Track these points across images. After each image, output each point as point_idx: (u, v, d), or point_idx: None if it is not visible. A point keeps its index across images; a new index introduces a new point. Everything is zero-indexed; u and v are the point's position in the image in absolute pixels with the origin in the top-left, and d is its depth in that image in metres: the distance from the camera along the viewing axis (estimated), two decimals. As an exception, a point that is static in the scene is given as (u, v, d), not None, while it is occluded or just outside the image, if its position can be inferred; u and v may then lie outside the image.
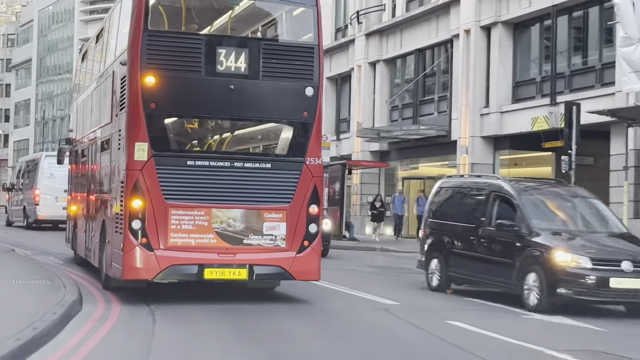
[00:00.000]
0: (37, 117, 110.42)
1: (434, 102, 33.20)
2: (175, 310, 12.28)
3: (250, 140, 14.19)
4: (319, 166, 13.21)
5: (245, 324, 11.26)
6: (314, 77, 13.10)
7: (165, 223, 12.29)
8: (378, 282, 17.91)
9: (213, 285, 13.78)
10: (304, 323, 11.73)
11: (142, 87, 12.44)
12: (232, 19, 14.09)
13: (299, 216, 12.86)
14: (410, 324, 11.83)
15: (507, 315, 13.35)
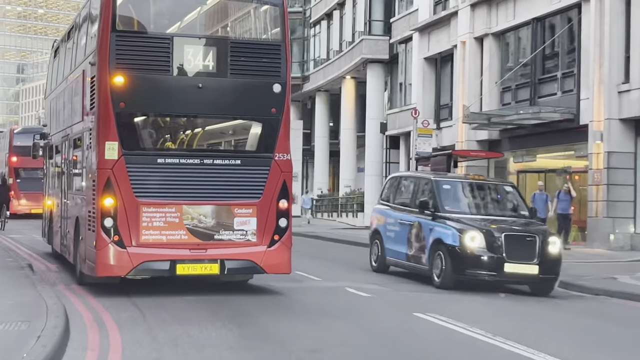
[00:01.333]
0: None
1: (557, 80, 27.67)
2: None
3: (220, 137, 14.21)
4: (288, 162, 13.48)
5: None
6: (281, 74, 13.42)
7: (136, 220, 12.58)
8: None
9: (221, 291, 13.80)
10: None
11: (111, 87, 12.72)
12: (200, 18, 14.27)
13: (269, 211, 13.13)
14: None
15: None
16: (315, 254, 23.73)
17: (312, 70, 53.67)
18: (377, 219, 19.06)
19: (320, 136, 53.07)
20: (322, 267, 19.38)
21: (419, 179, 18.31)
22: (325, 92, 53.00)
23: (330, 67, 49.73)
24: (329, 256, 23.44)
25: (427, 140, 26.54)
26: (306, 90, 54.25)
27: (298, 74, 55.07)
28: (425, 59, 36.06)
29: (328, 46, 51.46)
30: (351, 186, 47.71)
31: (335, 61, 48.71)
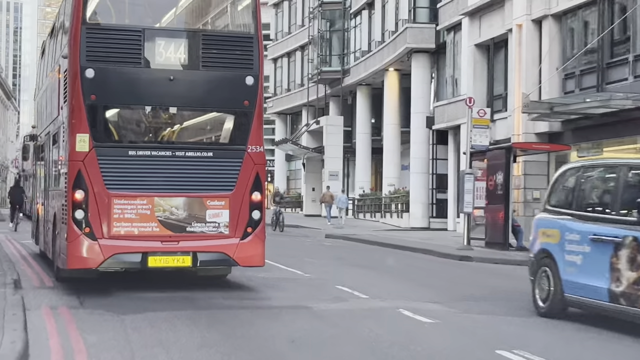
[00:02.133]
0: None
1: (629, 63, 24.69)
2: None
3: (192, 129, 14.06)
4: (261, 154, 13.41)
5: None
6: (253, 66, 13.35)
7: (108, 212, 12.58)
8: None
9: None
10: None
11: (82, 79, 12.73)
12: (171, 11, 14.13)
13: (241, 203, 13.05)
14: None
15: None
16: (360, 261, 21.22)
17: (353, 64, 51.16)
18: (545, 234, 12.58)
19: (361, 133, 50.60)
20: (369, 279, 16.83)
21: (623, 167, 11.40)
22: (367, 86, 50.54)
23: (372, 59, 47.19)
24: (376, 264, 20.84)
25: (484, 131, 23.78)
26: (346, 84, 51.78)
27: (338, 68, 52.79)
28: (476, 45, 33.26)
29: (369, 37, 48.95)
30: (395, 185, 45.24)
31: (377, 53, 46.18)
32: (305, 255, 21.62)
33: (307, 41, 58.38)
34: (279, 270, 17.24)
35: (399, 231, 36.96)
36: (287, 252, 22.83)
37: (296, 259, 20.13)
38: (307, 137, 56.28)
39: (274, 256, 19.83)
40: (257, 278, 15.52)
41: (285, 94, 64.32)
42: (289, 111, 64.97)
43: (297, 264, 18.79)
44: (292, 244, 26.95)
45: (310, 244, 27.14)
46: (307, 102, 57.25)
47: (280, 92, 65.70)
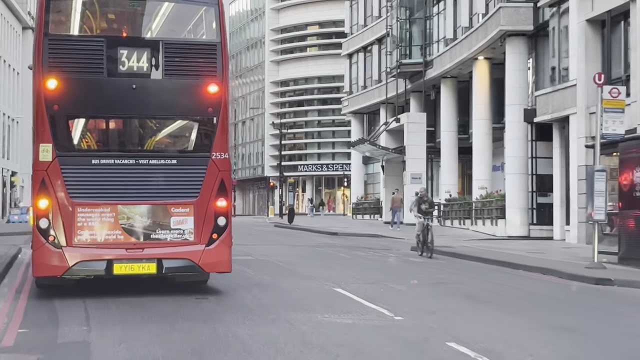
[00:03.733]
0: (230, 118, 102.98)
1: None
2: None
3: (156, 137, 14.03)
4: (226, 160, 13.50)
5: None
6: (217, 74, 13.38)
7: (72, 221, 12.79)
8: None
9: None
10: None
11: (45, 89, 12.91)
12: (133, 19, 14.38)
13: (206, 210, 13.19)
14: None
15: None
16: (465, 288, 15.91)
17: (436, 54, 46.25)
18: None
19: (446, 130, 45.65)
20: (491, 324, 11.63)
21: None
22: (452, 79, 45.62)
23: (458, 47, 42.22)
24: (488, 292, 15.47)
25: (618, 116, 18.65)
26: (429, 77, 46.88)
27: (419, 60, 48.04)
28: (588, 21, 28.15)
29: (455, 23, 44.02)
30: (487, 188, 40.10)
31: (464, 40, 41.18)
32: (391, 279, 16.81)
33: (384, 33, 53.63)
34: (358, 309, 12.49)
35: (495, 241, 32.02)
36: (367, 273, 18.15)
37: (379, 286, 15.46)
38: (385, 137, 51.46)
39: (352, 281, 15.38)
40: (329, 325, 11.00)
41: (361, 91, 59.63)
42: (365, 110, 60.24)
43: (382, 295, 14.16)
44: (373, 261, 22.16)
45: (395, 261, 22.24)
46: (386, 99, 52.42)
47: (356, 90, 61.01)
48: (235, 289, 14.62)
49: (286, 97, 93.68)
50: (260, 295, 13.75)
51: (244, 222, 62.15)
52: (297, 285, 15.25)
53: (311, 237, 34.92)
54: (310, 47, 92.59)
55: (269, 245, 28.01)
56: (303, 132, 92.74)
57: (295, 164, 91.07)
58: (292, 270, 18.51)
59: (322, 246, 28.12)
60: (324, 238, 34.53)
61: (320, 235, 37.53)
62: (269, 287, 14.89)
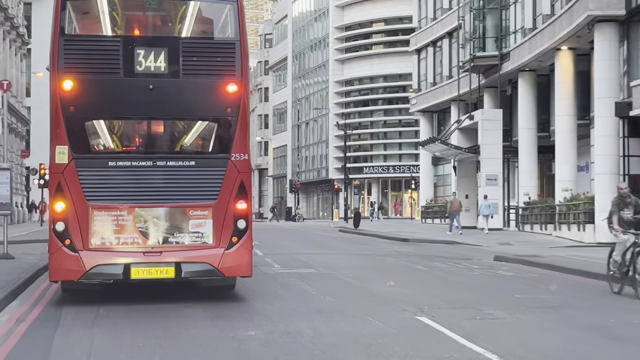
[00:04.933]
0: (293, 120, 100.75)
1: None
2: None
3: (173, 138, 13.88)
4: (246, 162, 13.19)
5: None
6: (236, 73, 13.16)
7: (88, 224, 12.57)
8: None
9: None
10: None
11: (61, 91, 12.73)
12: (151, 18, 14.09)
13: (225, 213, 12.91)
14: None
15: None
16: (592, 318, 12.44)
17: (513, 46, 42.90)
18: None
19: (525, 128, 42.28)
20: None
21: None
22: (531, 73, 42.26)
23: (538, 37, 38.86)
24: (632, 328, 11.82)
25: None
26: (505, 71, 43.58)
27: (494, 52, 44.77)
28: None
29: (534, 12, 40.66)
30: (571, 189, 36.66)
31: (545, 29, 37.81)
32: (484, 301, 13.74)
33: (455, 26, 50.44)
34: (455, 353, 9.30)
35: (585, 248, 28.70)
36: (453, 292, 15.15)
37: (473, 312, 12.42)
38: (457, 135, 48.22)
39: (436, 304, 12.69)
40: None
41: (431, 88, 56.48)
42: (435, 108, 57.04)
43: (481, 327, 11.04)
44: (455, 275, 18.98)
45: (482, 275, 18.96)
46: (458, 96, 49.20)
47: (425, 87, 57.88)
48: (292, 317, 11.80)
49: (351, 97, 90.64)
50: (323, 329, 10.79)
51: (307, 226, 59.47)
52: (370, 311, 12.26)
53: (380, 244, 31.90)
54: (376, 44, 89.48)
55: (333, 255, 25.07)
56: (368, 132, 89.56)
57: (361, 166, 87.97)
58: (362, 288, 15.56)
59: (393, 255, 25.09)
60: (394, 245, 31.48)
61: (389, 242, 34.48)
62: (334, 316, 11.93)
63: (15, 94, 55.18)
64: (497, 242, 32.48)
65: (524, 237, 35.95)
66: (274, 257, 22.58)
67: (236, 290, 14.81)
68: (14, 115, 53.57)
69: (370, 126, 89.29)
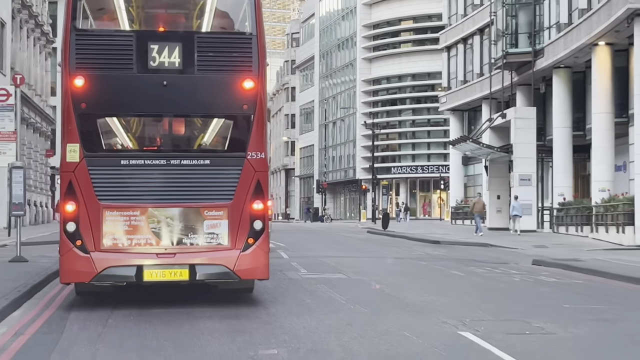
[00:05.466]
0: (320, 119, 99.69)
1: None
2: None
3: (188, 136, 13.52)
4: (262, 160, 12.81)
5: None
6: (253, 69, 12.79)
7: (100, 224, 12.22)
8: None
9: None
10: None
11: (72, 87, 12.37)
12: (164, 12, 13.83)
13: (241, 213, 12.56)
14: None
15: None
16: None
17: (547, 42, 41.57)
18: None
19: (560, 127, 40.97)
20: None
21: None
22: (566, 69, 40.95)
23: (574, 32, 37.57)
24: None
25: None
26: (539, 68, 42.27)
27: (527, 49, 43.41)
28: None
29: (570, 6, 39.35)
30: (609, 190, 35.31)
31: (582, 23, 36.52)
32: (531, 312, 12.52)
33: (486, 22, 49.16)
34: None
35: (626, 252, 27.49)
36: (495, 301, 14.01)
37: (521, 325, 11.19)
38: (488, 134, 46.87)
39: (479, 315, 11.82)
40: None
41: (461, 86, 55.18)
42: (465, 106, 55.74)
43: (533, 345, 9.81)
44: (494, 281, 17.70)
45: (522, 282, 17.61)
46: (490, 94, 47.86)
47: (455, 85, 56.59)
48: (320, 331, 10.62)
49: (378, 96, 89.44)
50: (355, 348, 9.55)
51: (335, 227, 58.40)
52: (406, 325, 11.02)
53: (410, 247, 30.72)
54: (404, 43, 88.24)
55: (362, 258, 23.92)
56: (396, 132, 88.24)
57: (388, 166, 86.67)
58: (396, 296, 14.37)
59: (426, 259, 23.91)
60: (426, 247, 30.29)
61: (420, 244, 33.29)
62: (367, 330, 10.66)
63: (40, 93, 54.53)
64: (532, 244, 31.28)
65: (559, 239, 34.68)
66: (300, 261, 21.50)
67: (259, 297, 13.76)
68: (39, 114, 52.89)
69: (398, 125, 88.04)
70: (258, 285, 14.88)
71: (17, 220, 19.93)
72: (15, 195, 19.52)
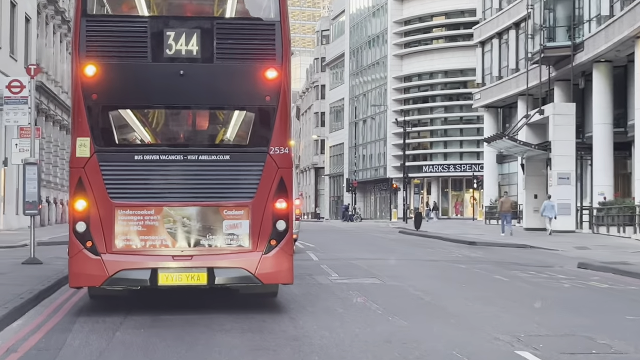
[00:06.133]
0: (350, 117, 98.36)
1: None
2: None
3: (206, 130, 12.64)
4: (286, 156, 11.88)
5: None
6: (276, 57, 11.88)
7: (112, 224, 11.47)
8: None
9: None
10: None
11: (82, 76, 11.61)
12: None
13: (264, 213, 11.71)
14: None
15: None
16: None
17: (587, 35, 39.96)
18: None
19: (600, 123, 39.39)
20: None
21: None
22: (606, 64, 39.41)
23: (616, 24, 36.04)
24: None
25: None
26: (578, 62, 40.68)
27: (566, 43, 41.77)
28: None
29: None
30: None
31: (624, 15, 35.02)
32: (592, 325, 11.03)
33: (523, 15, 47.62)
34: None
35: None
36: (550, 312, 12.57)
37: (585, 343, 9.76)
38: (525, 132, 45.31)
39: (535, 329, 10.60)
40: None
41: (496, 82, 53.62)
42: (500, 103, 54.17)
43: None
44: (543, 287, 16.18)
45: (573, 287, 16.19)
46: (527, 89, 46.23)
47: (490, 81, 55.02)
48: (354, 349, 9.28)
49: (410, 94, 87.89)
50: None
51: (365, 227, 57.09)
52: (454, 342, 9.60)
53: (446, 248, 29.30)
54: (436, 39, 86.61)
55: (396, 261, 22.55)
56: (428, 130, 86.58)
57: (420, 165, 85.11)
58: (437, 305, 13.01)
59: (464, 261, 22.51)
60: (461, 249, 28.87)
61: (455, 245, 31.86)
62: (409, 349, 9.21)
63: (67, 90, 53.73)
64: (573, 245, 29.78)
65: (600, 241, 33.13)
66: (330, 263, 20.20)
67: (285, 305, 12.50)
68: (65, 111, 52.10)
69: (429, 123, 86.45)
70: (285, 292, 13.61)
71: (31, 220, 18.79)
72: (28, 193, 18.37)
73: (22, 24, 39.29)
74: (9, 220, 36.88)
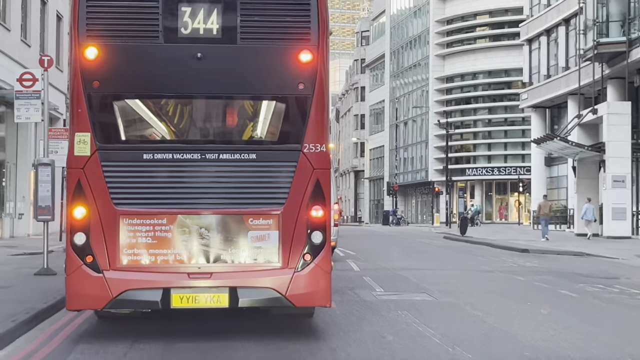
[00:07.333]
0: (391, 119, 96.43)
1: None
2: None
3: (228, 123, 10.70)
4: (323, 155, 10.10)
5: None
6: (311, 38, 10.12)
7: (116, 236, 9.82)
8: None
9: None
10: None
11: (82, 61, 9.91)
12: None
13: (296, 222, 9.98)
14: None
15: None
16: None
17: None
18: None
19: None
20: None
21: None
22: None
23: (677, 17, 33.68)
24: None
25: None
26: (634, 59, 38.53)
27: (621, 38, 39.54)
28: None
29: (672, -12, 35.47)
30: None
31: (687, 7, 32.64)
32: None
33: (573, 11, 45.41)
34: None
35: None
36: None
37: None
38: (576, 133, 43.12)
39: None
40: None
41: (544, 81, 51.37)
42: (548, 103, 51.91)
43: None
44: (620, 305, 14.23)
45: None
46: (578, 88, 43.98)
47: (537, 81, 52.78)
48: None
49: (452, 95, 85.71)
50: None
51: (407, 231, 55.14)
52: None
53: (497, 256, 27.26)
54: (479, 38, 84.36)
55: (447, 271, 20.61)
56: (471, 132, 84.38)
57: (463, 167, 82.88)
58: (503, 331, 11.02)
59: (521, 272, 20.49)
60: (514, 257, 26.82)
61: (506, 252, 29.78)
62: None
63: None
64: (633, 253, 27.74)
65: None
66: (373, 274, 18.35)
67: (323, 329, 10.69)
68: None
69: (473, 125, 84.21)
70: (323, 311, 11.79)
71: (44, 226, 17.13)
72: (41, 197, 16.66)
73: (53, 22, 37.91)
74: (39, 225, 35.51)
